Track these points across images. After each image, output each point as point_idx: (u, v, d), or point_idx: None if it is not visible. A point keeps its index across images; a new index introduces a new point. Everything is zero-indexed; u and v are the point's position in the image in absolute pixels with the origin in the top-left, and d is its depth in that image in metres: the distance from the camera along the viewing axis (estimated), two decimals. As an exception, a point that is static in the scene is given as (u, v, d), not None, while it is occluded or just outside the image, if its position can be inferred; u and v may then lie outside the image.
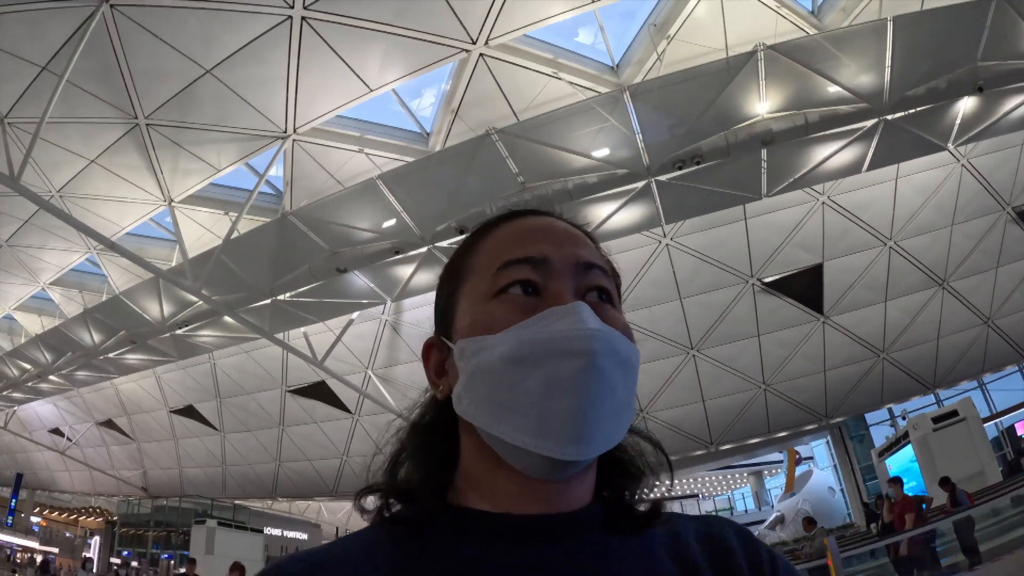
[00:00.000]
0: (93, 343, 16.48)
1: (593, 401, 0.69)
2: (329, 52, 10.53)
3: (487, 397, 0.73)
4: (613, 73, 12.33)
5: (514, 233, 0.83)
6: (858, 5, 12.05)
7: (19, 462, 31.92)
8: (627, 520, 0.80)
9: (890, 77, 10.33)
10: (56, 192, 12.97)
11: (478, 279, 0.81)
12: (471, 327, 0.77)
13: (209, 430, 23.76)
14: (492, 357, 0.73)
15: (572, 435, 0.69)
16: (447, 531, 0.75)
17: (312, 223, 11.89)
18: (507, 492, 0.76)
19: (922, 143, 11.70)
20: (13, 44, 9.75)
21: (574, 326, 0.71)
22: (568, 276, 0.78)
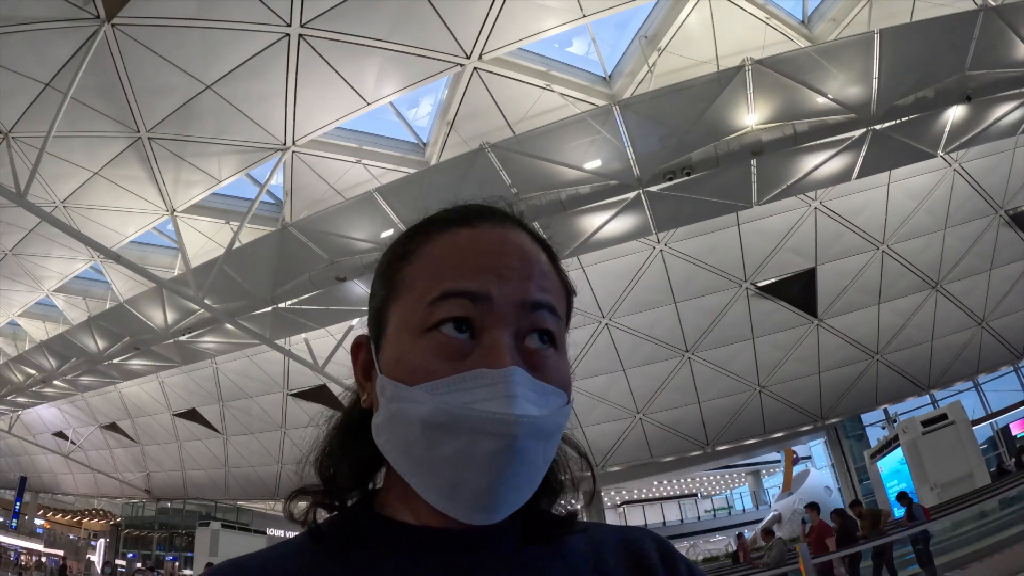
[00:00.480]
0: (97, 349, 16.85)
1: (506, 478, 0.69)
2: (326, 67, 10.85)
3: (402, 447, 0.73)
4: (605, 84, 12.64)
5: (460, 251, 0.77)
6: (848, 15, 12.32)
7: (23, 465, 32.42)
8: (543, 529, 0.82)
9: (878, 88, 10.54)
10: (60, 203, 13.33)
11: (412, 301, 0.76)
12: (396, 365, 0.75)
13: (212, 433, 24.20)
14: (410, 412, 0.71)
15: (481, 506, 0.69)
16: (373, 543, 0.77)
17: (312, 234, 12.21)
18: (426, 508, 0.75)
19: (911, 151, 11.94)
20: (16, 62, 10.07)
21: (499, 407, 0.68)
22: (510, 319, 0.74)
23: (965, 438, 15.47)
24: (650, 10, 11.84)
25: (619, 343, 16.66)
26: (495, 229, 0.80)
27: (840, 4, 12.39)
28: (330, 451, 0.85)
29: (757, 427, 18.63)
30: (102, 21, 9.48)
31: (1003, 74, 10.94)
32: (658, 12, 11.79)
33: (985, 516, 11.27)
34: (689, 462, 20.61)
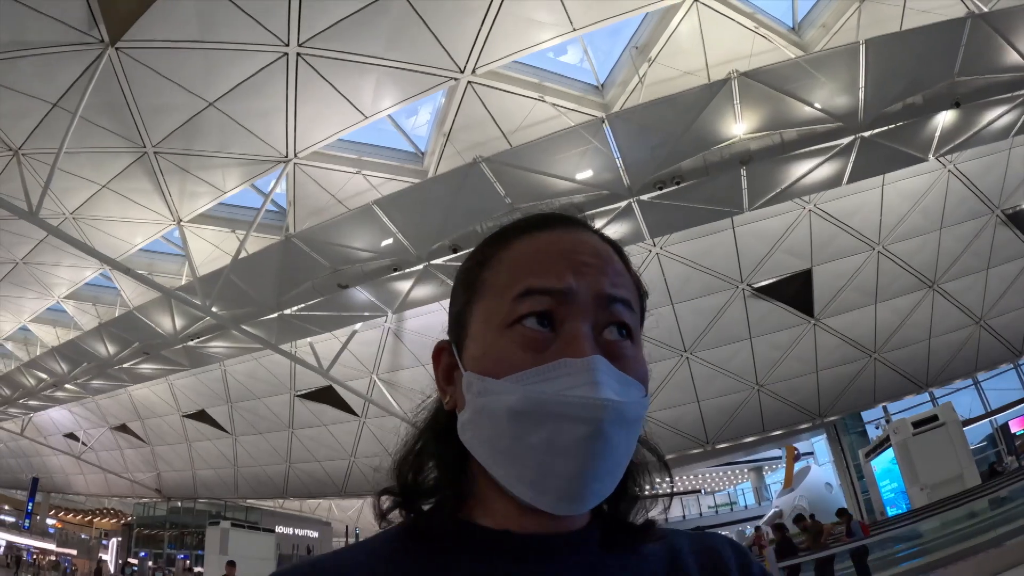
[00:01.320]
0: (108, 354, 17.48)
1: (593, 466, 0.70)
2: (324, 83, 11.36)
3: (489, 440, 0.75)
4: (598, 93, 13.07)
5: (537, 252, 0.81)
6: (837, 21, 12.64)
7: (34, 466, 33.28)
8: (622, 537, 0.84)
9: (864, 97, 10.82)
10: (70, 215, 13.93)
11: (494, 299, 0.80)
12: (481, 359, 0.78)
13: (221, 433, 24.86)
14: (497, 404, 0.73)
15: (568, 495, 0.71)
16: (453, 546, 0.79)
17: (314, 244, 12.72)
18: (507, 512, 0.78)
19: (902, 156, 12.22)
20: (24, 84, 10.65)
21: (584, 392, 0.70)
22: (588, 313, 0.77)
23: (956, 439, 15.81)
24: (640, 20, 12.22)
25: (618, 344, 17.07)
26: (569, 232, 0.83)
27: (830, 10, 12.69)
28: (413, 456, 0.87)
29: (756, 425, 19.07)
30: (106, 45, 10.01)
31: (993, 79, 11.15)
32: (648, 23, 12.17)
33: (975, 516, 11.63)
34: (690, 460, 21.05)
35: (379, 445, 22.84)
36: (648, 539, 0.85)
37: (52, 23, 9.52)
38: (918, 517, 13.13)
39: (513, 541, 0.78)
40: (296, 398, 21.92)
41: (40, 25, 9.48)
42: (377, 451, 22.89)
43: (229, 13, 9.84)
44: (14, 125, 11.57)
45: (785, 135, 11.56)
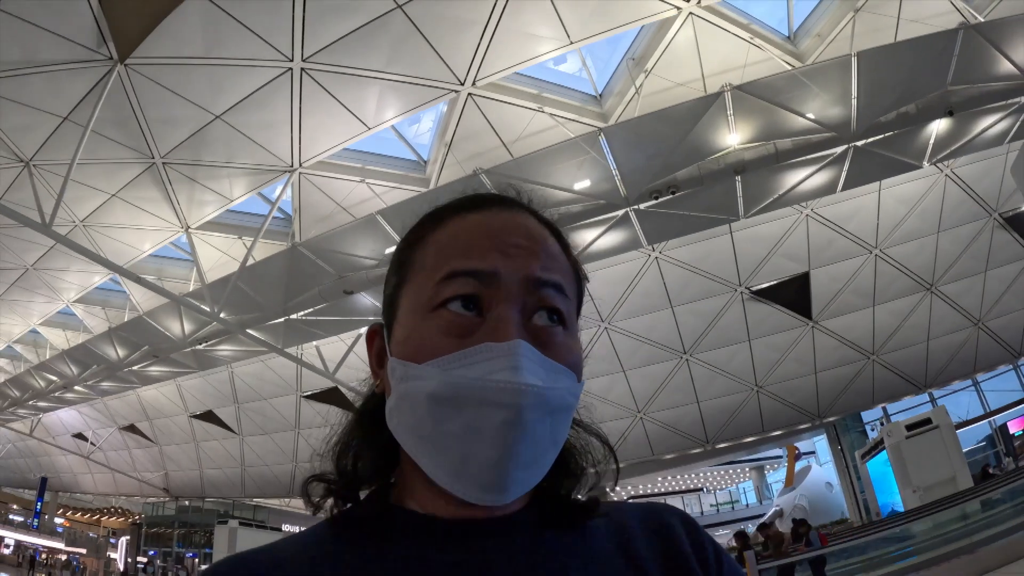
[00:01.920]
0: (117, 357, 17.95)
1: (513, 454, 0.69)
2: (328, 96, 11.76)
3: (411, 427, 0.74)
4: (596, 103, 13.44)
5: (467, 233, 0.80)
6: (832, 31, 12.94)
7: (43, 466, 33.93)
8: (564, 515, 0.82)
9: (857, 108, 11.10)
10: (80, 223, 14.39)
11: (421, 281, 0.79)
12: (405, 344, 0.77)
13: (228, 433, 25.41)
14: (418, 390, 0.72)
15: (489, 483, 0.70)
16: (384, 533, 0.77)
17: (320, 252, 13.13)
18: (439, 499, 0.77)
19: (896, 163, 12.47)
20: (35, 99, 11.09)
21: (505, 376, 0.69)
22: (516, 297, 0.75)
23: (948, 442, 16.09)
24: (637, 32, 12.56)
25: (618, 346, 17.53)
26: (503, 212, 0.82)
27: (825, 20, 13.00)
28: (347, 443, 0.85)
29: (756, 425, 19.47)
30: (115, 62, 10.43)
31: (986, 88, 11.35)
32: (644, 34, 12.51)
33: (967, 517, 11.93)
34: (690, 459, 21.49)
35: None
36: (591, 516, 0.84)
37: (62, 41, 9.95)
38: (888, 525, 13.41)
39: (445, 526, 0.77)
40: (303, 399, 22.40)
41: (50, 43, 9.92)
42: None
43: (234, 31, 10.25)
44: (25, 138, 12.02)
45: (779, 145, 11.85)
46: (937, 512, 12.08)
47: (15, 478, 37.99)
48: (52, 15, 9.53)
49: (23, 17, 9.45)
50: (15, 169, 12.64)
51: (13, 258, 16.12)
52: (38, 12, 9.43)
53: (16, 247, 15.46)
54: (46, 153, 12.32)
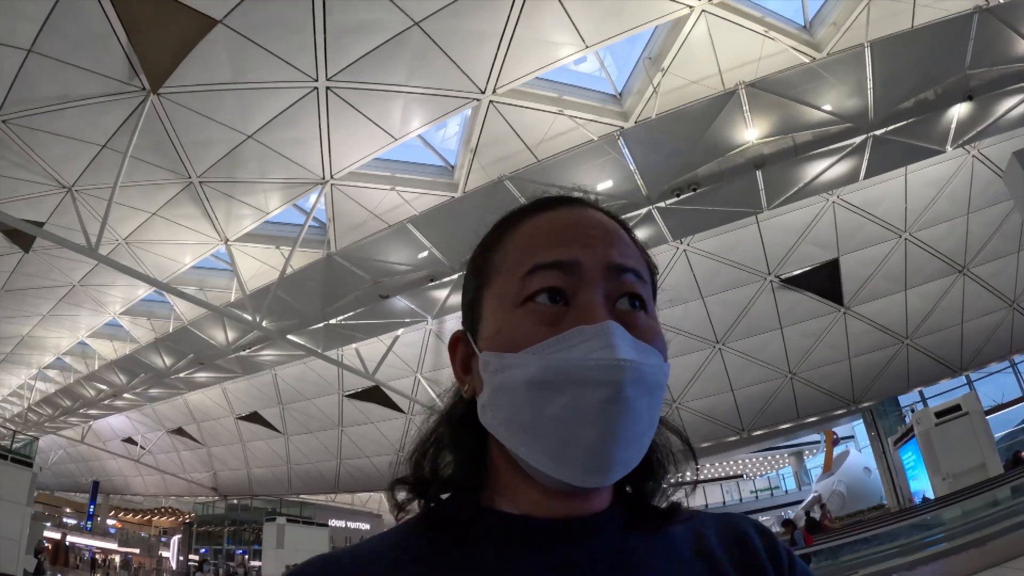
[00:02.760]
0: (164, 366, 18.96)
1: (616, 432, 0.71)
2: (354, 112, 12.34)
3: (509, 417, 0.76)
4: (616, 102, 13.84)
5: (544, 230, 0.83)
6: (848, 19, 13.12)
7: (94, 470, 35.54)
8: (647, 519, 0.85)
9: (873, 98, 11.37)
10: (123, 240, 15.24)
11: (505, 280, 0.81)
12: (496, 338, 0.79)
13: (274, 433, 26.43)
14: (515, 378, 0.74)
15: (593, 465, 0.71)
16: (472, 534, 0.80)
17: (354, 260, 13.82)
18: (529, 498, 0.79)
19: (918, 149, 12.71)
20: (73, 130, 11.89)
21: (602, 355, 0.71)
22: (599, 282, 0.79)
23: (978, 429, 16.09)
24: (652, 31, 12.92)
25: (651, 337, 17.92)
26: (574, 209, 0.87)
27: (840, 8, 13.19)
28: (430, 447, 0.89)
29: (791, 412, 19.76)
30: (148, 92, 11.13)
31: (1005, 70, 11.45)
32: (659, 34, 12.86)
33: (998, 504, 12.04)
34: (726, 447, 21.85)
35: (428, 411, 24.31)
36: (673, 521, 0.86)
37: (96, 77, 10.68)
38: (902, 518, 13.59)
39: (534, 526, 0.78)
40: (344, 398, 23.26)
41: (85, 79, 10.67)
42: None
43: (259, 56, 10.85)
44: (65, 166, 12.82)
45: (798, 137, 12.18)
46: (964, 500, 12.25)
47: (67, 482, 39.69)
48: (85, 54, 10.25)
49: (58, 57, 10.20)
50: (58, 195, 13.48)
51: (60, 276, 17.09)
52: (72, 52, 10.16)
53: (62, 266, 16.39)
54: (87, 179, 13.12)
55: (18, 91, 10.78)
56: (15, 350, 22.68)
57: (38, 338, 21.65)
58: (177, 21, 10.00)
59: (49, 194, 13.44)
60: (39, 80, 10.60)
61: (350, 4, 10.36)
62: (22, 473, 20.25)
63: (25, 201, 13.48)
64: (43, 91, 10.81)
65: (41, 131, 11.70)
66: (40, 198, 13.54)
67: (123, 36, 10.06)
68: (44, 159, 12.47)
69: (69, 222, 13.40)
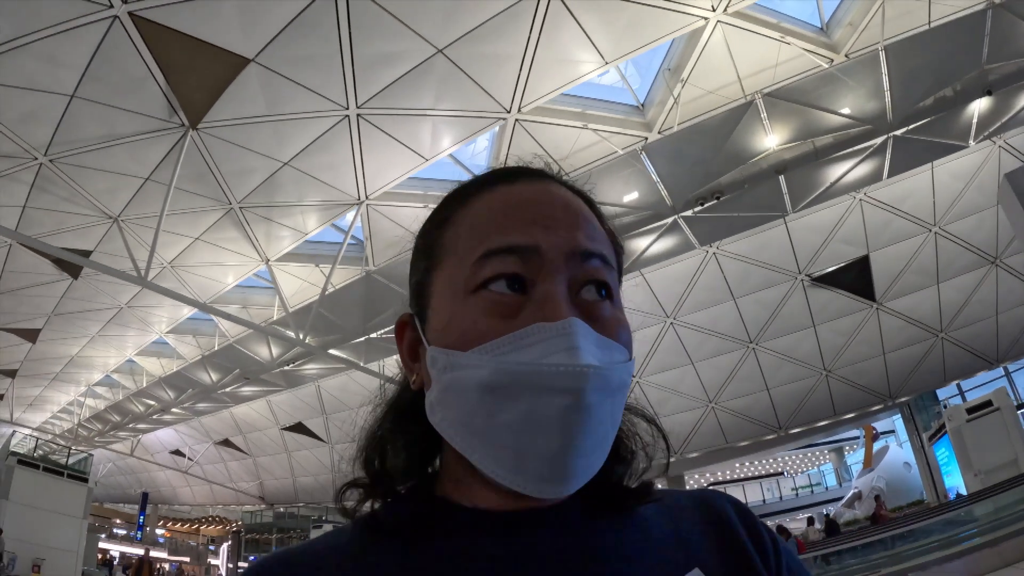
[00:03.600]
0: (211, 381, 19.95)
1: (577, 442, 0.66)
2: (385, 136, 13.05)
3: (459, 420, 0.71)
4: (639, 113, 14.35)
5: (500, 207, 0.78)
6: (864, 19, 13.43)
7: (143, 481, 36.99)
8: (614, 502, 0.81)
9: (891, 99, 11.74)
10: (168, 264, 16.15)
11: (455, 264, 0.76)
12: (445, 331, 0.74)
13: (318, 443, 27.34)
14: (466, 379, 0.69)
15: (551, 476, 0.67)
16: (424, 528, 0.76)
17: (392, 277, 14.55)
18: (483, 494, 0.75)
19: (941, 146, 13.02)
20: (118, 165, 12.80)
21: (563, 358, 0.66)
22: (561, 270, 0.73)
23: (1010, 424, 16.23)
24: (669, 44, 13.41)
25: (685, 339, 18.45)
26: (535, 184, 0.81)
27: (856, 8, 13.51)
28: (377, 442, 0.86)
29: (827, 409, 20.09)
30: (187, 128, 11.97)
31: (1023, 63, 11.86)
32: (677, 46, 13.33)
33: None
34: (764, 445, 22.18)
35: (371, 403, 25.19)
36: (643, 501, 0.82)
37: (137, 116, 11.56)
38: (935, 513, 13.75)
39: (491, 518, 0.75)
40: (387, 407, 24.04)
41: (126, 119, 11.55)
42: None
43: (291, 90, 11.58)
44: (111, 198, 13.76)
45: (818, 142, 12.57)
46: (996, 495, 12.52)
47: (116, 494, 41.39)
48: (125, 96, 11.10)
49: (100, 100, 11.08)
50: (104, 225, 14.43)
51: (108, 299, 18.15)
52: (113, 95, 11.03)
53: (110, 289, 17.38)
54: (132, 209, 14.04)
55: (63, 133, 11.72)
56: (65, 369, 23.92)
57: (87, 357, 22.84)
58: (211, 62, 10.80)
59: (96, 224, 14.40)
60: (83, 122, 11.49)
61: (375, 37, 11.02)
62: (78, 488, 21.51)
63: (73, 232, 14.47)
64: (87, 132, 11.73)
65: (87, 168, 12.62)
66: (87, 228, 14.51)
67: (161, 78, 10.89)
68: (90, 192, 13.39)
69: (114, 249, 14.50)
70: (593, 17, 11.73)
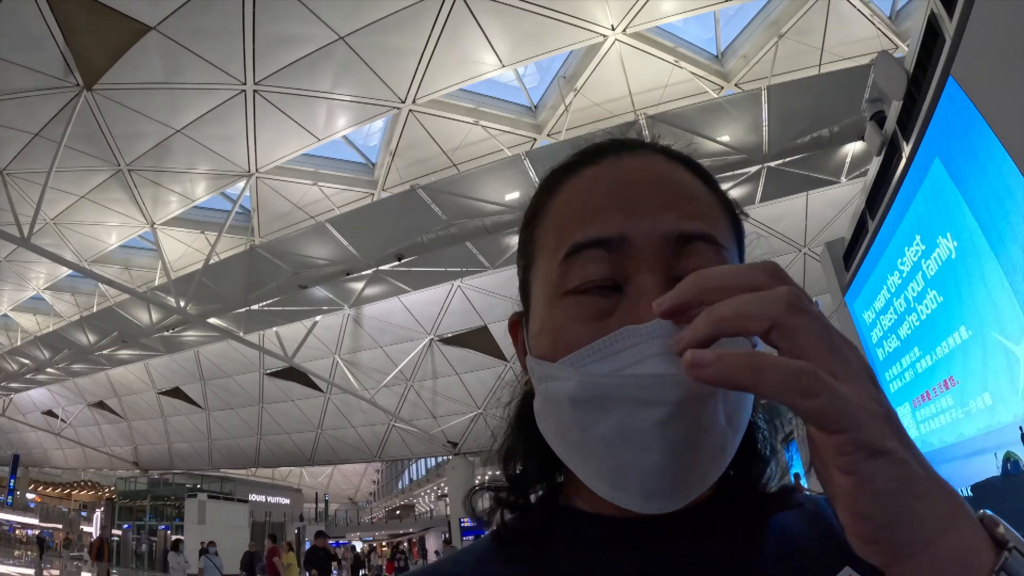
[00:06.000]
0: (88, 343, 19.77)
1: (679, 455, 0.58)
2: (280, 113, 13.41)
3: (558, 432, 0.65)
4: (531, 114, 15.11)
5: (583, 194, 0.69)
6: (758, 53, 14.37)
7: (13, 443, 35.90)
8: (753, 508, 0.73)
9: (768, 134, 12.44)
10: (51, 221, 16.06)
11: (546, 263, 0.70)
12: (539, 338, 0.69)
13: (195, 409, 27.49)
14: (558, 391, 0.63)
15: (656, 490, 0.60)
16: (556, 540, 0.72)
17: (276, 252, 14.85)
18: (605, 502, 0.65)
19: (812, 179, 13.85)
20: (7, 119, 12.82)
21: (650, 369, 0.56)
22: (655, 261, 0.64)
23: None
24: (568, 54, 14.14)
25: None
26: (622, 160, 0.72)
27: (752, 42, 14.45)
28: (512, 446, 0.80)
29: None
30: (82, 88, 12.10)
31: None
32: (575, 56, 14.08)
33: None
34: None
35: (343, 418, 25.73)
36: (785, 508, 0.73)
37: (31, 73, 11.67)
38: None
39: (620, 527, 0.69)
40: (266, 376, 24.32)
41: (19, 74, 11.65)
42: (341, 423, 25.96)
43: (190, 61, 11.88)
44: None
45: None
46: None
47: (-16, 454, 39.91)
48: (22, 52, 11.21)
49: (-7, 55, 11.15)
50: (-11, 180, 14.35)
51: (-18, 253, 17.87)
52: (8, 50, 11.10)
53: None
54: (18, 164, 14.00)
55: (-52, 85, 11.70)
56: (-70, 321, 23.31)
57: (-44, 310, 22.34)
58: (112, 26, 11.01)
59: (-23, 177, 14.27)
60: (-29, 74, 11.50)
61: (279, 18, 11.41)
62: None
63: (-47, 182, 14.29)
64: (-23, 84, 11.72)
65: (-28, 120, 12.58)
66: (-31, 180, 14.36)
67: (60, 38, 11.01)
68: (-27, 144, 13.32)
69: (-2, 203, 14.31)
70: (495, 21, 12.38)
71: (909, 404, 5.31)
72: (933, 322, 4.58)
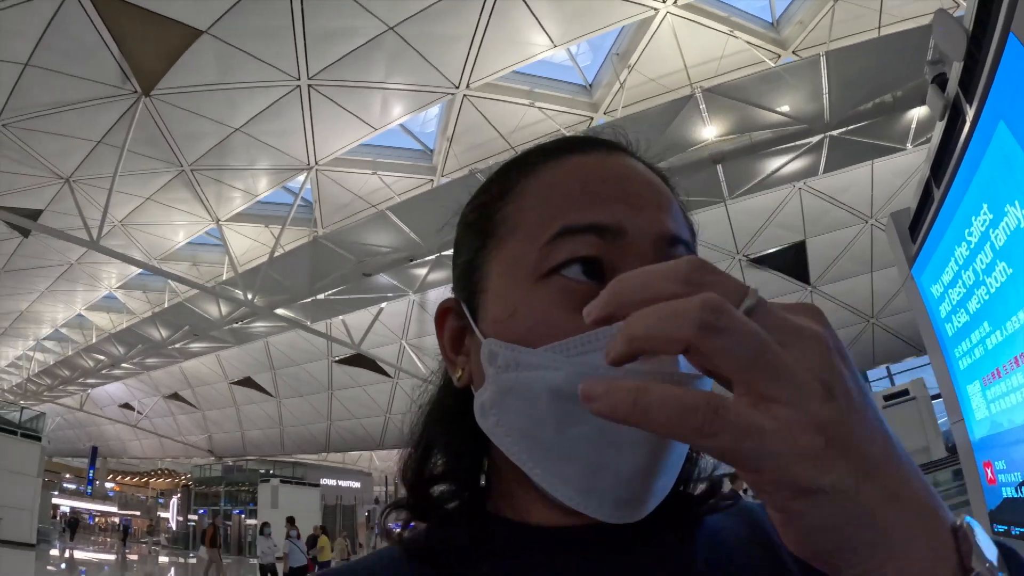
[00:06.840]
0: (161, 338, 20.42)
1: (664, 457, 0.58)
2: (335, 106, 13.52)
3: (521, 429, 0.61)
4: (587, 93, 14.96)
5: (577, 178, 0.66)
6: (814, 18, 14.03)
7: (92, 435, 37.43)
8: (684, 511, 0.70)
9: (829, 102, 12.12)
10: (118, 223, 16.53)
11: (521, 242, 0.65)
12: (508, 322, 0.63)
13: (266, 397, 28.14)
14: (536, 382, 0.58)
15: (628, 498, 0.58)
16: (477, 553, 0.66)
17: (339, 242, 15.05)
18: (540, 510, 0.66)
19: (877, 147, 13.45)
20: (70, 129, 13.17)
21: (662, 367, 0.53)
22: (647, 256, 0.62)
23: (924, 413, 17.22)
24: (620, 29, 13.95)
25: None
26: (615, 156, 0.71)
27: (807, 7, 14.11)
28: (420, 454, 0.74)
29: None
30: (140, 95, 12.37)
31: (963, 70, 12.51)
32: (627, 32, 13.89)
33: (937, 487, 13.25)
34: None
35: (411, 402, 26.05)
36: (717, 509, 0.73)
37: (89, 83, 11.97)
38: None
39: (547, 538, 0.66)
40: (334, 363, 24.79)
41: (78, 86, 11.95)
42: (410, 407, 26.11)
43: (243, 60, 12.01)
44: (62, 160, 14.13)
45: (755, 136, 13.18)
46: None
47: (65, 448, 41.70)
48: (78, 64, 11.49)
49: (52, 68, 11.46)
50: (55, 186, 14.82)
51: (58, 256, 18.52)
52: (65, 63, 11.39)
53: (60, 247, 17.68)
54: (83, 171, 14.43)
55: (16, 100, 12.07)
56: (13, 325, 24.28)
57: (36, 312, 23.25)
58: (163, 32, 11.19)
59: (47, 185, 14.76)
60: (35, 89, 11.86)
61: (327, 12, 11.47)
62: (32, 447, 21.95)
63: (24, 192, 14.83)
64: (39, 98, 12.10)
65: (38, 131, 12.97)
66: (38, 189, 14.87)
67: (114, 47, 11.27)
68: (42, 155, 13.75)
69: (65, 208, 14.86)
70: (543, 1, 12.26)
71: (979, 382, 5.13)
72: (1003, 295, 4.38)
